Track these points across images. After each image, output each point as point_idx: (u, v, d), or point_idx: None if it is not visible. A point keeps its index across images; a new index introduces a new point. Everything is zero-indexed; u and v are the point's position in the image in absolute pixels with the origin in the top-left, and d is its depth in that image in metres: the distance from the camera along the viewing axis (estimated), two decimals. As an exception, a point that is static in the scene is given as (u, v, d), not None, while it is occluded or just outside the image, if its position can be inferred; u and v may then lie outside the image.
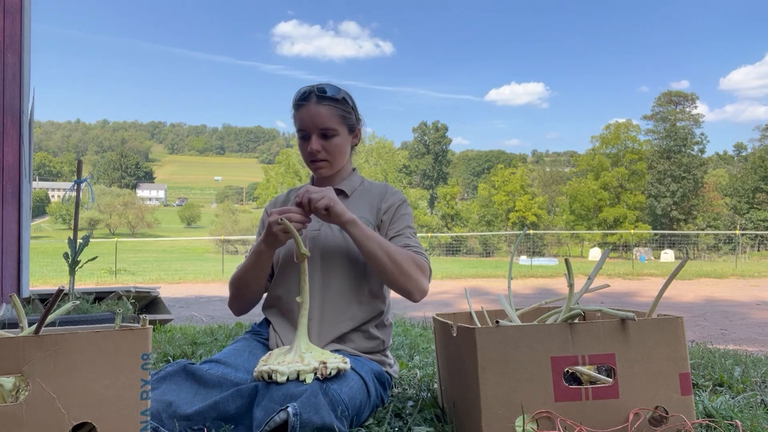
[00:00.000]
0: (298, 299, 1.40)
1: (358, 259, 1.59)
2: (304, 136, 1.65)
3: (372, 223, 1.65)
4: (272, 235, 1.49)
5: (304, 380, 1.26)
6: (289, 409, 1.16)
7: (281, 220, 1.41)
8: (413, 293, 1.55)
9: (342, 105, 1.66)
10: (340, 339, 1.57)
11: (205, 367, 1.39)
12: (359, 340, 1.59)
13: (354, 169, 1.79)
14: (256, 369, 1.33)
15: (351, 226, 1.49)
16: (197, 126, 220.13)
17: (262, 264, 1.59)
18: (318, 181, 1.75)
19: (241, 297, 1.68)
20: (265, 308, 1.71)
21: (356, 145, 1.79)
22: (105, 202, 68.25)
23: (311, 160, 1.66)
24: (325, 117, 1.62)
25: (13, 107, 4.10)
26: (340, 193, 1.71)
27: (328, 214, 1.48)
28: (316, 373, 1.28)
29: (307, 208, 1.48)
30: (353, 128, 1.72)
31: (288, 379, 1.26)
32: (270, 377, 1.28)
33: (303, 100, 1.63)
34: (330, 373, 1.30)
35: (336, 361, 1.33)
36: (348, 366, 1.35)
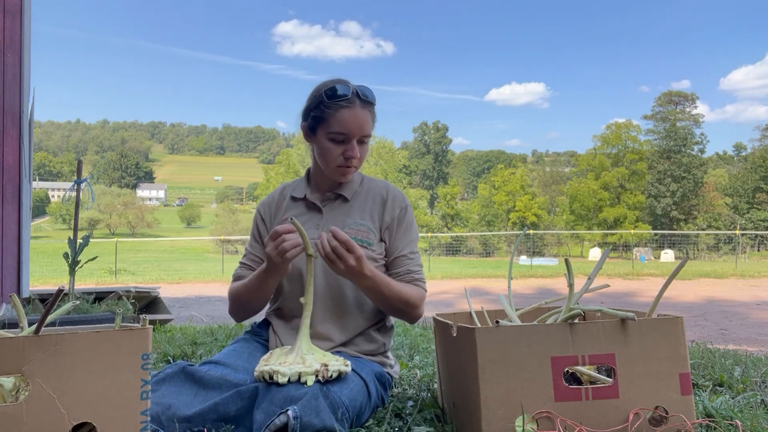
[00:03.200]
0: (302, 300, 1.39)
1: None
2: (343, 139, 1.55)
3: (372, 230, 1.61)
4: (274, 266, 1.44)
5: (305, 382, 1.25)
6: (290, 413, 1.16)
7: (290, 219, 1.36)
8: (411, 321, 1.63)
9: (374, 111, 1.61)
10: (344, 344, 1.57)
11: (205, 369, 1.39)
12: (361, 343, 1.59)
13: None
14: (257, 369, 1.32)
15: (359, 280, 1.46)
16: (197, 126, 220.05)
17: (267, 290, 1.55)
18: (317, 178, 1.68)
19: (242, 311, 1.66)
20: (267, 312, 1.70)
21: None
22: (105, 202, 68.24)
23: (343, 165, 1.57)
24: (368, 124, 1.56)
25: (13, 107, 4.10)
26: (339, 197, 1.65)
27: (344, 271, 1.42)
28: (317, 375, 1.27)
29: (330, 254, 1.40)
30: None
31: (289, 380, 1.25)
32: (271, 378, 1.27)
33: (347, 100, 1.53)
34: (331, 376, 1.29)
35: (337, 364, 1.32)
36: (349, 369, 1.35)
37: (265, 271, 1.49)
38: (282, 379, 1.25)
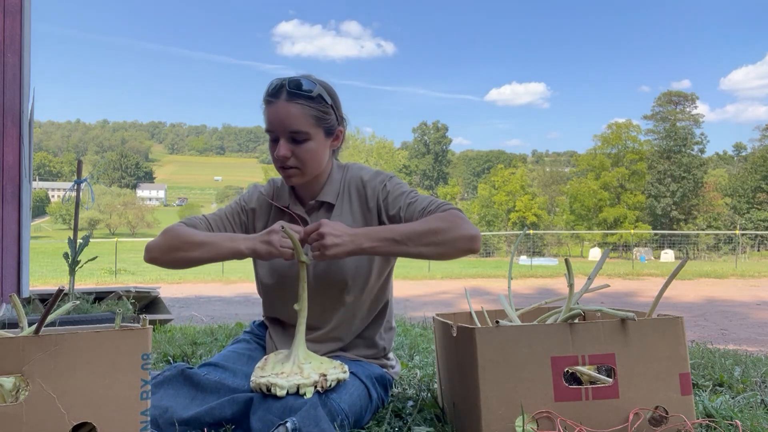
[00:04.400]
0: (296, 306, 1.36)
1: (356, 269, 1.50)
2: (273, 138, 1.44)
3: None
4: (268, 243, 1.35)
5: (304, 394, 1.23)
6: (288, 424, 1.15)
7: (282, 227, 1.32)
8: (470, 248, 1.36)
9: (317, 104, 1.43)
10: (343, 348, 1.55)
11: (203, 372, 1.38)
12: (361, 347, 1.57)
13: (333, 167, 1.57)
14: (253, 379, 1.29)
15: (366, 252, 1.36)
16: (197, 126, 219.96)
17: (227, 257, 1.41)
18: (298, 187, 1.56)
19: (170, 253, 1.45)
20: (265, 316, 1.67)
21: (338, 148, 1.57)
22: (105, 202, 68.31)
23: (280, 166, 1.45)
24: (295, 118, 1.40)
25: (13, 107, 4.10)
26: (323, 204, 1.54)
27: (341, 245, 1.33)
28: (316, 387, 1.25)
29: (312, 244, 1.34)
30: (332, 130, 1.48)
31: (287, 393, 1.23)
32: (269, 390, 1.24)
33: (272, 95, 1.42)
34: (330, 386, 1.27)
35: (336, 372, 1.30)
36: (347, 375, 1.33)
37: (251, 247, 1.37)
38: (280, 392, 1.23)
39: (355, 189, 1.55)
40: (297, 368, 1.29)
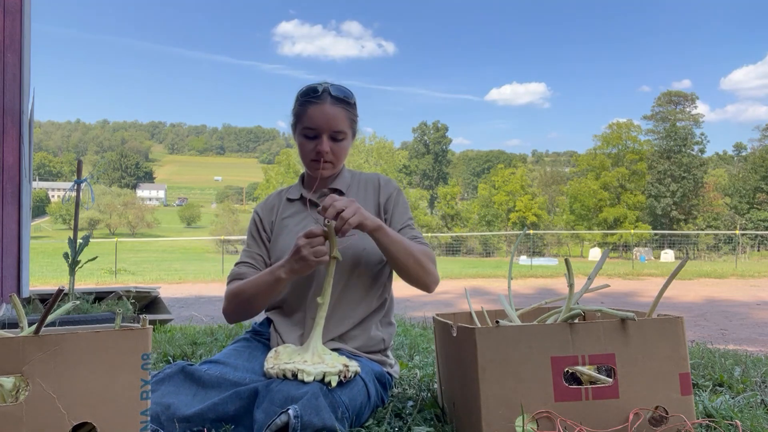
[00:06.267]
0: (319, 299, 1.42)
1: (359, 256, 1.58)
2: (313, 135, 1.60)
3: None
4: (302, 260, 1.40)
5: (330, 382, 1.28)
6: (290, 412, 1.17)
7: (327, 222, 1.37)
8: (430, 285, 1.60)
9: (352, 109, 1.64)
10: (341, 337, 1.57)
11: (204, 368, 1.39)
12: (360, 338, 1.59)
13: (344, 166, 1.76)
14: (275, 366, 1.33)
15: (378, 233, 1.47)
16: (197, 126, 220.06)
17: (278, 289, 1.52)
18: (311, 179, 1.70)
19: (243, 310, 1.60)
20: (267, 309, 1.70)
21: None
22: (105, 202, 68.24)
23: (315, 159, 1.61)
24: (339, 120, 1.59)
25: (13, 107, 4.10)
26: (334, 191, 1.69)
27: (358, 228, 1.43)
28: (340, 376, 1.30)
29: (338, 224, 1.41)
30: (356, 132, 1.70)
31: (314, 380, 1.27)
32: (295, 376, 1.28)
33: (316, 97, 1.58)
34: (352, 376, 1.32)
35: (355, 365, 1.36)
36: (361, 370, 1.39)
37: (288, 270, 1.44)
38: (308, 378, 1.27)
39: (371, 185, 1.73)
40: (318, 358, 1.34)
